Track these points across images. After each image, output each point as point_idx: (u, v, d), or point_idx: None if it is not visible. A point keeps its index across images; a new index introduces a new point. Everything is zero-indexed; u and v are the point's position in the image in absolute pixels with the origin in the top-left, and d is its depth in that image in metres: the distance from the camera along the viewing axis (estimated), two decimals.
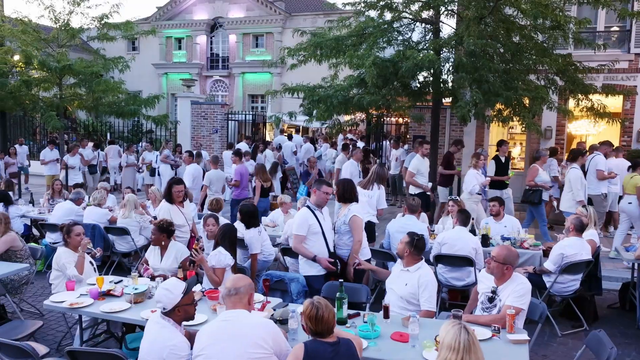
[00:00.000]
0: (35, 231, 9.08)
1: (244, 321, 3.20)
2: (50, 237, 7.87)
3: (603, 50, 9.85)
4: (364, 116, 11.69)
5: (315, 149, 16.57)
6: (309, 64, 10.42)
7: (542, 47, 9.53)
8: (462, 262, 5.84)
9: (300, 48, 10.28)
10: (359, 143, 15.74)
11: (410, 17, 10.14)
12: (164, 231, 5.32)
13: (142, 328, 3.77)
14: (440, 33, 10.22)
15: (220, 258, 4.91)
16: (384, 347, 3.60)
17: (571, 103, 10.87)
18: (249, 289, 3.37)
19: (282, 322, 3.76)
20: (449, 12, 10.00)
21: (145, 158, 14.03)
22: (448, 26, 10.67)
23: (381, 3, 9.90)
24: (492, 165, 9.38)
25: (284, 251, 6.40)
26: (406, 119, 15.26)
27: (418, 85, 10.48)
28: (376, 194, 6.86)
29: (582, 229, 5.83)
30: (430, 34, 10.39)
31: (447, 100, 11.11)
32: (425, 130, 12.52)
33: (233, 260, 5.04)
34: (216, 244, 5.07)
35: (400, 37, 10.24)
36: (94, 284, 4.69)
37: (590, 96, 10.11)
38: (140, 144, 18.57)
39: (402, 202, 11.67)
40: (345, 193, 5.45)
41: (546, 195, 9.10)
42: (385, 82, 9.40)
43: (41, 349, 3.96)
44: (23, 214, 8.63)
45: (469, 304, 4.69)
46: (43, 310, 5.98)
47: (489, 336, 3.69)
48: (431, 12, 10.11)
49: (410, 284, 4.37)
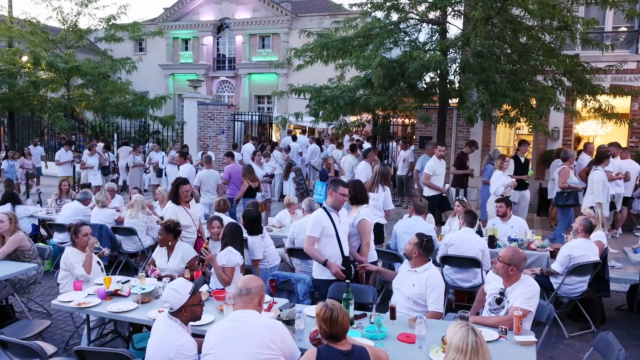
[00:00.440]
0: (43, 231, 9.14)
1: (254, 322, 3.21)
2: (58, 237, 7.91)
3: (611, 51, 9.80)
4: (370, 117, 11.69)
5: (321, 150, 16.59)
6: (316, 65, 10.42)
7: (550, 48, 9.49)
8: (469, 263, 5.82)
9: (306, 49, 10.29)
10: (365, 144, 15.74)
11: (417, 17, 10.12)
12: (171, 231, 5.34)
13: (149, 328, 3.78)
14: (447, 34, 10.21)
15: (230, 257, 4.92)
16: (390, 348, 3.59)
17: (579, 104, 10.81)
18: (260, 290, 3.38)
19: (289, 322, 3.77)
20: (456, 12, 9.99)
21: (152, 158, 14.09)
22: (455, 27, 10.68)
23: (388, 4, 9.89)
24: (511, 165, 9.21)
25: (290, 252, 6.41)
26: (412, 120, 15.25)
27: (425, 86, 10.46)
28: (382, 195, 6.80)
29: (590, 230, 5.80)
30: (437, 35, 10.37)
31: (453, 101, 11.08)
32: (432, 131, 12.49)
33: (242, 259, 5.06)
34: (225, 244, 5.08)
35: (406, 38, 10.23)
36: (102, 284, 4.72)
37: (598, 97, 10.06)
38: (147, 145, 18.65)
39: (409, 203, 11.66)
40: (356, 194, 5.45)
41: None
42: (392, 83, 9.39)
43: (49, 348, 3.99)
44: (31, 214, 8.69)
45: (475, 305, 4.67)
46: (51, 310, 6.01)
47: (496, 337, 3.67)
48: (438, 13, 10.10)
49: (418, 284, 4.37)
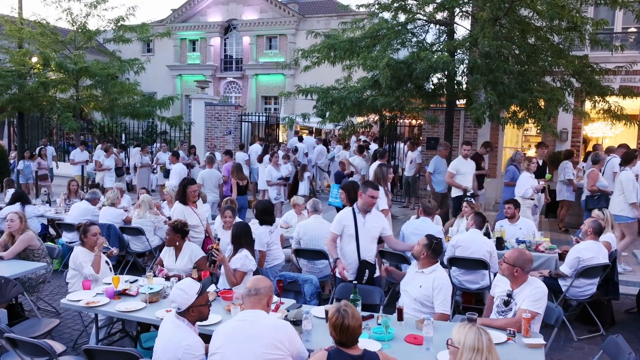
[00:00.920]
0: (52, 230, 9.20)
1: (262, 322, 3.21)
2: (66, 237, 7.97)
3: (620, 52, 9.73)
4: (377, 118, 11.67)
5: (328, 151, 16.59)
6: (323, 66, 10.42)
7: (558, 49, 9.44)
8: (476, 264, 5.79)
9: (314, 50, 10.29)
10: (372, 145, 15.73)
11: (425, 18, 10.10)
12: (178, 232, 5.36)
13: (156, 327, 3.80)
14: (455, 34, 10.17)
15: (245, 262, 4.93)
16: (398, 349, 3.59)
17: (587, 105, 10.74)
18: (269, 291, 3.40)
19: (296, 323, 3.76)
20: (464, 13, 9.96)
21: (159, 159, 14.14)
22: (462, 27, 10.63)
23: (395, 5, 9.87)
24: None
25: (297, 252, 6.42)
26: (420, 121, 15.21)
27: (432, 87, 10.43)
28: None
29: (600, 232, 5.76)
30: (444, 36, 10.34)
31: (461, 102, 11.05)
32: (439, 132, 12.45)
33: (256, 265, 5.08)
34: (238, 245, 5.08)
35: (414, 39, 10.20)
36: (110, 284, 4.74)
37: (607, 98, 9.99)
38: (154, 145, 18.73)
39: (416, 204, 11.63)
40: (350, 194, 5.56)
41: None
42: (399, 84, 9.37)
43: (58, 347, 4.01)
44: (40, 214, 8.75)
45: (485, 312, 4.63)
46: (59, 309, 6.05)
47: (504, 340, 3.66)
48: (445, 14, 10.06)
49: (425, 286, 4.36)
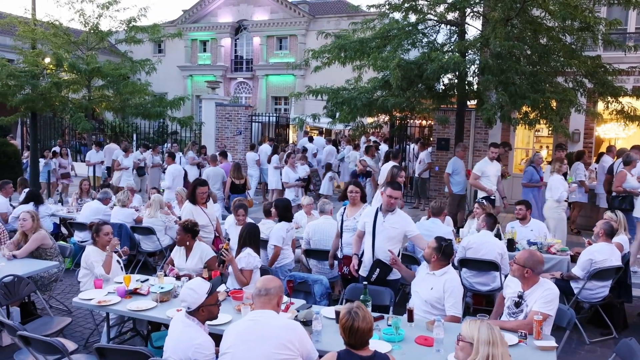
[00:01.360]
0: (64, 230, 9.28)
1: (272, 322, 3.22)
2: (78, 236, 8.03)
3: (634, 52, 9.62)
4: (387, 118, 11.64)
5: (337, 151, 16.57)
6: (333, 66, 10.42)
7: (571, 49, 9.36)
8: (487, 266, 5.76)
9: (324, 50, 10.28)
10: (382, 145, 15.69)
11: (435, 19, 10.06)
12: (189, 231, 5.38)
13: (167, 327, 3.82)
14: (466, 35, 10.12)
15: (250, 260, 4.96)
16: (408, 350, 3.58)
17: (600, 106, 10.65)
18: (279, 291, 3.41)
19: (306, 323, 3.77)
20: (475, 13, 9.90)
21: None
22: (474, 28, 10.58)
23: (406, 5, 9.84)
24: (549, 170, 9.06)
25: (307, 253, 6.42)
26: (430, 122, 15.15)
27: (443, 88, 10.38)
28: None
29: (612, 234, 5.71)
30: (455, 36, 10.29)
31: (472, 103, 10.99)
32: (450, 132, 12.40)
33: (261, 262, 5.10)
34: (243, 244, 5.11)
35: (425, 39, 10.17)
36: (121, 283, 4.77)
37: (620, 99, 9.88)
38: (165, 145, 18.83)
39: (426, 205, 11.60)
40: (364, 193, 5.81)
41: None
42: (410, 84, 9.34)
43: (70, 345, 4.05)
44: (52, 213, 8.84)
45: (495, 310, 4.62)
46: (71, 308, 6.10)
47: (515, 342, 3.63)
48: (456, 14, 10.01)
49: (436, 288, 4.33)
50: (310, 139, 16.58)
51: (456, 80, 9.89)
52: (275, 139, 16.64)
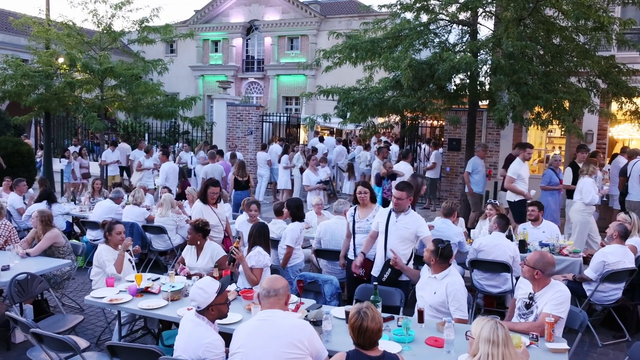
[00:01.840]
0: (76, 228, 9.36)
1: (282, 322, 3.23)
2: (90, 235, 8.11)
3: None
4: (398, 119, 11.61)
5: (348, 151, 16.56)
6: (344, 67, 10.40)
7: (584, 49, 9.26)
8: (499, 267, 5.73)
9: (335, 50, 10.27)
10: (393, 145, 15.66)
11: (447, 19, 10.01)
12: (200, 231, 5.41)
13: (178, 325, 3.84)
14: (478, 35, 10.06)
15: (259, 258, 4.98)
16: (418, 351, 3.57)
17: (614, 106, 10.52)
18: (287, 290, 3.43)
19: (316, 323, 3.77)
20: (487, 13, 9.84)
21: (181, 158, 14.31)
22: (486, 28, 10.54)
23: (417, 5, 9.79)
24: (568, 172, 8.88)
25: (317, 253, 6.43)
26: (441, 122, 15.09)
27: (454, 88, 10.33)
28: None
29: (626, 236, 5.65)
30: (467, 36, 10.23)
31: (483, 103, 10.92)
32: (461, 133, 12.34)
33: (271, 260, 5.12)
34: (253, 243, 5.13)
35: (436, 39, 10.12)
36: (133, 281, 4.81)
37: (635, 99, 9.77)
38: (177, 145, 18.94)
39: (437, 206, 11.56)
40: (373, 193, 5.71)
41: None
42: (421, 85, 9.30)
43: (82, 342, 4.08)
44: (65, 212, 8.93)
45: (508, 314, 4.57)
46: (83, 305, 6.17)
47: (527, 344, 3.60)
48: (468, 14, 9.95)
49: (439, 292, 4.30)
50: (321, 139, 16.60)
51: (468, 81, 9.83)
52: (286, 139, 16.68)
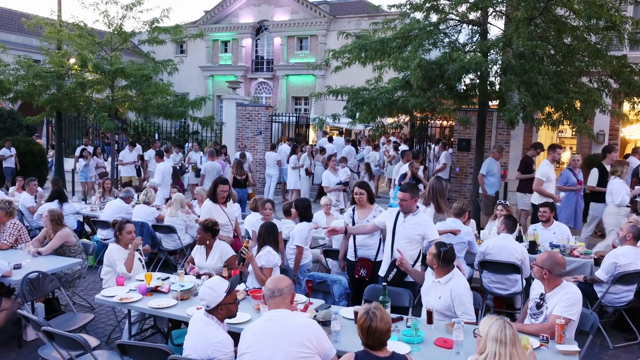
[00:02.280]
0: (87, 227, 9.44)
1: (289, 321, 3.24)
2: (101, 234, 8.17)
3: None
4: (407, 119, 11.57)
5: (357, 151, 16.55)
6: (353, 67, 10.39)
7: (596, 49, 9.18)
8: (508, 268, 5.70)
9: (344, 50, 10.26)
10: (402, 146, 15.62)
11: (457, 18, 9.96)
12: (209, 230, 5.43)
13: (187, 324, 3.86)
14: (488, 34, 10.01)
15: (269, 258, 4.99)
16: (427, 352, 3.56)
17: (626, 106, 10.43)
18: (291, 289, 3.45)
19: (325, 323, 3.77)
20: (497, 13, 9.78)
21: (191, 158, 14.37)
22: (496, 27, 10.45)
23: (427, 5, 9.76)
24: (594, 174, 8.66)
25: (326, 253, 6.43)
26: (451, 122, 15.03)
27: (464, 88, 10.29)
28: (430, 212, 6.30)
29: (639, 237, 5.59)
30: (477, 36, 10.18)
31: (494, 103, 10.86)
32: (471, 133, 12.29)
33: (281, 260, 5.12)
34: (263, 243, 5.14)
35: (446, 39, 10.08)
36: (143, 280, 4.84)
37: None
38: (186, 145, 19.03)
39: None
40: (369, 194, 5.61)
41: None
42: (431, 85, 9.27)
43: (92, 341, 4.12)
44: (76, 211, 9.01)
45: (520, 317, 4.54)
46: (94, 304, 6.21)
47: (537, 346, 3.58)
48: (478, 14, 9.91)
49: (444, 297, 4.27)
50: (330, 139, 16.60)
51: (478, 81, 9.79)
52: (295, 139, 16.70)
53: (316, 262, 6.83)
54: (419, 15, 10.24)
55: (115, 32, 13.55)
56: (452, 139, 13.84)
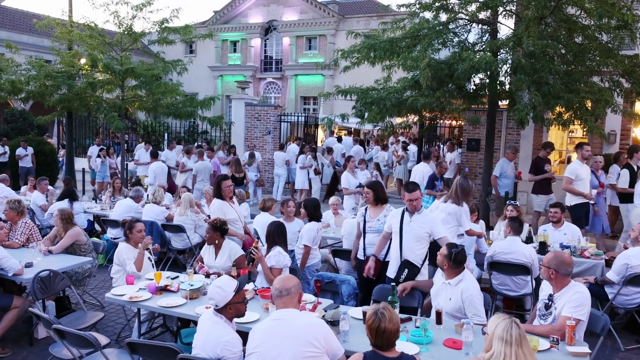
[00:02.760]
0: (97, 227, 9.50)
1: (296, 321, 3.24)
2: (111, 233, 8.21)
3: None
4: (416, 119, 11.53)
5: (365, 151, 16.53)
6: (362, 66, 10.37)
7: (607, 48, 9.10)
8: (518, 269, 5.66)
9: (353, 50, 10.25)
10: (411, 146, 15.58)
11: (467, 18, 9.92)
12: (218, 230, 5.44)
13: (196, 323, 3.88)
14: (498, 34, 9.95)
15: (280, 259, 5.00)
16: (436, 353, 3.55)
17: (638, 106, 10.33)
18: (299, 288, 3.45)
19: (334, 323, 3.77)
20: (507, 12, 9.73)
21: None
22: (506, 27, 10.41)
23: (436, 4, 9.72)
24: (625, 175, 8.56)
25: (335, 253, 6.43)
26: (460, 122, 14.96)
27: (474, 88, 10.23)
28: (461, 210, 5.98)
29: None
30: (487, 35, 10.12)
31: (503, 103, 10.80)
32: (480, 133, 12.22)
33: (291, 261, 5.13)
34: (271, 243, 5.15)
35: (455, 39, 10.03)
36: (152, 279, 4.86)
37: None
38: (196, 144, 19.10)
39: None
40: (379, 194, 5.55)
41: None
42: (440, 84, 9.23)
43: (102, 339, 4.14)
44: (85, 210, 9.08)
45: (530, 318, 4.52)
46: (104, 303, 6.25)
47: (547, 347, 3.56)
48: (488, 13, 9.85)
49: (454, 298, 4.24)
50: (339, 139, 16.59)
51: (487, 80, 9.73)
52: (304, 139, 16.70)
53: (325, 262, 6.83)
54: (428, 14, 10.22)
55: (126, 32, 13.62)
56: (462, 139, 13.78)
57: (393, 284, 4.30)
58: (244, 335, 3.47)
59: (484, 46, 9.73)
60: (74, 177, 14.19)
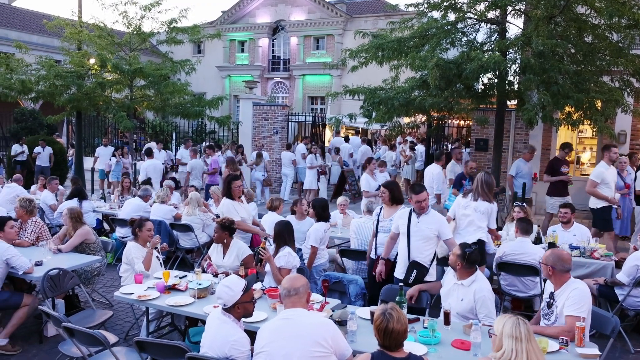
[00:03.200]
0: (106, 226, 9.55)
1: (305, 320, 3.24)
2: (120, 232, 8.26)
3: None
4: (424, 118, 11.49)
5: (372, 151, 16.50)
6: (370, 66, 10.36)
7: (617, 47, 9.02)
8: (527, 270, 5.63)
9: (361, 50, 10.23)
10: (419, 146, 15.55)
11: (475, 17, 9.87)
12: (226, 229, 5.45)
13: (204, 322, 3.89)
14: (507, 33, 9.90)
15: (289, 259, 5.01)
16: (444, 354, 3.53)
17: None
18: (307, 288, 3.46)
19: (341, 323, 3.77)
20: (516, 11, 9.67)
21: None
22: (515, 26, 10.34)
23: (445, 4, 9.68)
24: None
25: (342, 253, 6.42)
26: (468, 122, 14.90)
27: (482, 87, 10.18)
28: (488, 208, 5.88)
29: None
30: (495, 35, 10.07)
31: (512, 103, 10.74)
32: (489, 133, 12.17)
33: (299, 262, 5.13)
34: (280, 243, 5.15)
35: (464, 38, 9.98)
36: (161, 278, 4.88)
37: None
38: (203, 144, 19.15)
39: None
40: (395, 194, 5.58)
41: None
42: (448, 84, 9.19)
43: (111, 337, 4.16)
44: (95, 209, 9.13)
45: (535, 318, 4.49)
46: (113, 301, 6.29)
47: (556, 349, 3.54)
48: (497, 12, 9.79)
49: (467, 299, 4.21)
50: (347, 139, 16.57)
51: (496, 80, 9.69)
52: (312, 139, 16.70)
53: (332, 261, 6.82)
54: (436, 14, 10.18)
55: (134, 32, 13.70)
56: (470, 139, 13.72)
57: (401, 284, 4.28)
58: (252, 335, 3.48)
59: (492, 46, 9.68)
60: (82, 176, 14.28)
